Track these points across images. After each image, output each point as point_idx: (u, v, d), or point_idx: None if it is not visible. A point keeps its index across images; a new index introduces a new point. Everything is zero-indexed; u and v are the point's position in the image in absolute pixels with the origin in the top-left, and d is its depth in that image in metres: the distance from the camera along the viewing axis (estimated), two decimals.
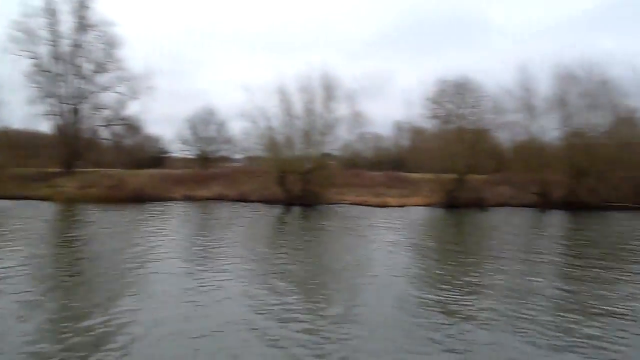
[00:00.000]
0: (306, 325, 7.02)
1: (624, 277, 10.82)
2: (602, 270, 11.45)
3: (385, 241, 15.70)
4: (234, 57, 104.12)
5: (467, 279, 10.27)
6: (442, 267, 11.56)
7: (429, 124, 37.32)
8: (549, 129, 36.40)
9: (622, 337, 6.81)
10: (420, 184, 35.74)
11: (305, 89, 31.75)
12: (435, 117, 35.60)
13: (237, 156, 46.88)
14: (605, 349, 6.39)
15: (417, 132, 42.37)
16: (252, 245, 14.74)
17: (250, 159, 36.61)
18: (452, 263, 12.12)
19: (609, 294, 9.33)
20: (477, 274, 10.69)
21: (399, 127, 55.62)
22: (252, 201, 31.38)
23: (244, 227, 20.33)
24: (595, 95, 33.53)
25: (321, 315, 7.33)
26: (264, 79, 66.37)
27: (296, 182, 30.85)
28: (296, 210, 27.70)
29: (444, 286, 9.39)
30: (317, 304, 8.15)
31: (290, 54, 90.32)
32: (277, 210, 27.06)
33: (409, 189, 36.39)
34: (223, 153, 47.72)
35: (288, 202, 30.00)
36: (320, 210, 28.05)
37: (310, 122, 31.37)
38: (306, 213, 25.95)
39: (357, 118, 32.61)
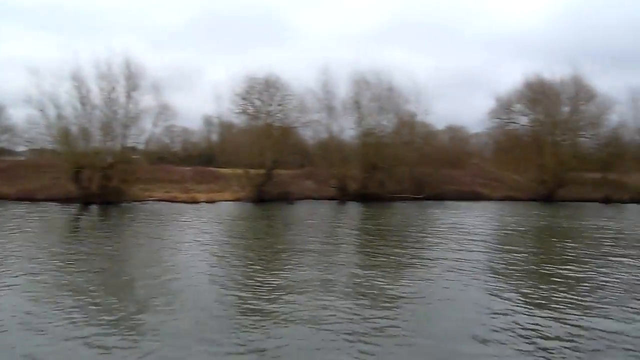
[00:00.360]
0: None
1: (413, 262, 13.04)
2: (391, 256, 13.85)
3: (193, 240, 15.75)
4: (15, 32, 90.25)
5: (273, 275, 10.78)
6: (249, 265, 11.95)
7: (238, 120, 38.90)
8: (347, 129, 41.43)
9: (407, 320, 7.77)
10: (230, 179, 37.21)
11: (105, 76, 30.28)
12: (244, 112, 37.49)
13: (20, 148, 41.46)
14: (396, 336, 7.09)
15: (226, 127, 43.54)
16: (34, 254, 12.92)
17: (36, 151, 32.91)
18: (260, 260, 12.64)
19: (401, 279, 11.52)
20: (285, 270, 11.26)
21: (208, 121, 55.99)
22: (40, 200, 28.53)
23: (26, 231, 17.51)
24: (384, 100, 39.27)
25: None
26: (53, 61, 59.43)
27: (94, 178, 29.02)
28: (95, 209, 26.27)
29: (249, 285, 9.82)
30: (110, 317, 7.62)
31: (86, 36, 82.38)
32: (71, 210, 25.15)
33: (219, 184, 37.52)
34: (1, 144, 41.61)
35: (85, 201, 28.29)
36: (124, 208, 27.24)
37: (110, 112, 29.87)
38: (106, 212, 25.02)
39: (164, 110, 32.30)
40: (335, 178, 39.20)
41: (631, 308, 8.28)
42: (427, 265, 11.85)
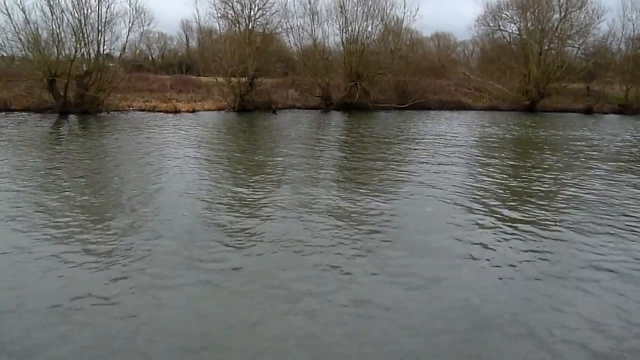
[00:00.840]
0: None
1: (394, 175, 13.35)
2: (373, 169, 14.16)
3: (176, 151, 15.28)
4: None
5: (256, 190, 10.33)
6: (231, 179, 11.62)
7: (217, 25, 37.13)
8: (331, 35, 40.09)
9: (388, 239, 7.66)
10: (211, 88, 36.46)
11: None
12: (224, 17, 35.55)
13: None
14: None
15: (206, 33, 41.72)
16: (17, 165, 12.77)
17: (6, 59, 31.38)
18: (243, 173, 12.33)
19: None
20: (268, 185, 10.80)
21: (186, 26, 53.49)
22: (15, 110, 27.72)
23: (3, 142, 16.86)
24: (370, 5, 37.67)
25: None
26: None
27: (70, 87, 28.07)
28: (73, 119, 25.73)
29: (230, 201, 9.40)
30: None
31: None
32: (48, 120, 24.61)
33: (200, 93, 36.81)
34: None
35: (62, 110, 27.54)
36: (102, 118, 26.76)
37: (82, 16, 28.21)
38: (85, 122, 24.61)
39: (139, 14, 30.61)
40: (319, 87, 38.58)
41: (603, 220, 8.68)
42: (407, 178, 11.92)
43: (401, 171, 12.63)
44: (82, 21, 28.75)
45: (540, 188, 10.99)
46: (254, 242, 7.05)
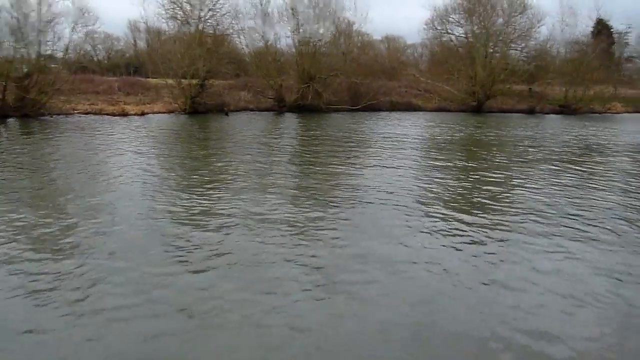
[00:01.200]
0: None
1: (349, 174, 13.57)
2: (326, 168, 14.27)
3: (126, 154, 15.20)
4: None
5: (210, 188, 10.70)
6: (184, 178, 11.77)
7: (166, 26, 36.38)
8: (283, 37, 40.09)
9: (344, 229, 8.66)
10: (161, 90, 35.64)
11: None
12: (173, 17, 34.85)
13: None
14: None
15: (154, 34, 40.75)
16: None
17: None
18: (196, 172, 12.47)
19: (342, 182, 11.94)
20: (221, 183, 11.08)
21: (134, 27, 52.01)
22: None
23: None
24: (321, 7, 37.87)
25: None
26: None
27: (9, 89, 26.76)
28: (13, 123, 24.63)
29: (183, 199, 9.58)
30: None
31: None
32: None
33: (149, 95, 35.91)
34: None
35: (1, 114, 26.09)
36: (46, 122, 25.66)
37: (20, 15, 26.93)
38: (27, 126, 23.52)
39: (83, 13, 29.50)
40: (271, 89, 38.48)
41: (546, 220, 9.13)
42: (359, 182, 12.01)
43: (353, 175, 12.75)
44: (21, 20, 27.48)
45: (486, 188, 11.42)
46: (204, 256, 6.65)
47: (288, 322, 4.92)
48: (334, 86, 39.62)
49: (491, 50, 45.29)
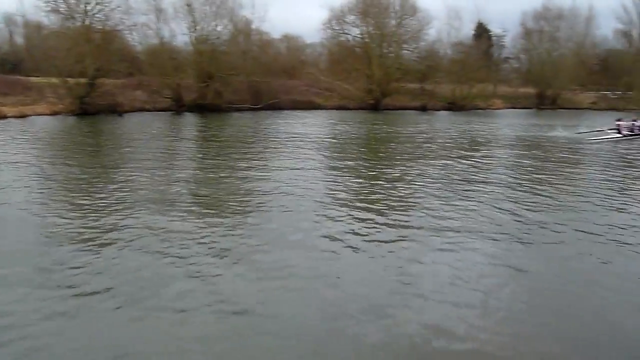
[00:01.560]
0: None
1: (252, 174, 13.33)
2: (229, 169, 13.97)
3: (5, 163, 13.77)
4: None
5: (102, 196, 9.84)
6: (74, 186, 10.84)
7: (48, 20, 33.52)
8: (179, 34, 38.84)
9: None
10: (44, 90, 32.76)
11: None
12: (55, 11, 32.22)
13: None
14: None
15: (33, 29, 37.39)
16: None
17: None
18: (86, 180, 11.48)
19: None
20: (115, 190, 10.34)
21: (9, 20, 47.32)
22: None
23: None
24: (218, 4, 37.16)
25: None
26: None
27: None
28: None
29: (74, 210, 8.88)
30: None
31: None
32: None
33: (30, 95, 32.92)
34: None
35: None
36: None
37: None
38: None
39: None
40: (168, 88, 37.05)
41: (442, 206, 9.76)
42: (262, 184, 11.89)
43: (255, 178, 12.41)
44: None
45: (384, 185, 11.91)
46: (90, 276, 6.05)
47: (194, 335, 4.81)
48: (234, 85, 39.10)
49: (386, 51, 47.42)
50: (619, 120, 22.03)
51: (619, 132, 21.33)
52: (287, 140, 19.97)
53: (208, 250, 6.91)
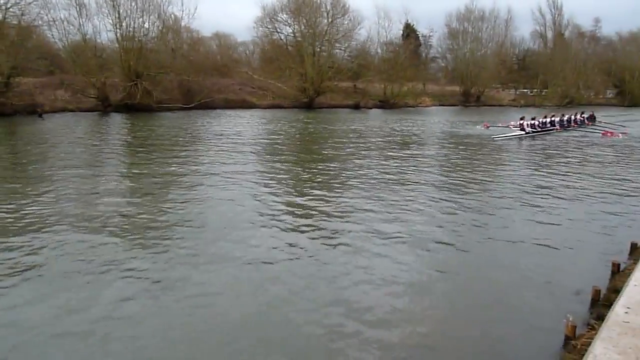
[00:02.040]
0: None
1: (183, 179, 13.12)
2: (159, 174, 13.34)
3: None
4: None
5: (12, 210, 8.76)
6: None
7: None
8: (103, 31, 37.22)
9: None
10: None
11: None
12: None
13: None
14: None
15: None
16: None
17: None
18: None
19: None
20: (29, 202, 9.23)
21: None
22: None
23: None
24: (144, 0, 35.95)
25: None
26: None
27: None
28: None
29: None
30: None
31: None
32: None
33: None
34: None
35: None
36: None
37: None
38: None
39: None
40: (93, 87, 35.38)
41: (377, 198, 10.05)
42: (193, 184, 11.53)
43: (186, 177, 12.17)
44: None
45: (318, 180, 12.12)
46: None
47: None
48: (164, 84, 38.03)
49: (318, 50, 47.92)
50: (522, 118, 23.42)
51: (522, 130, 22.77)
52: (219, 141, 19.38)
53: (128, 273, 6.10)
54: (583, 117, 28.21)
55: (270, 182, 11.54)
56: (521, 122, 23.13)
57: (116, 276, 5.92)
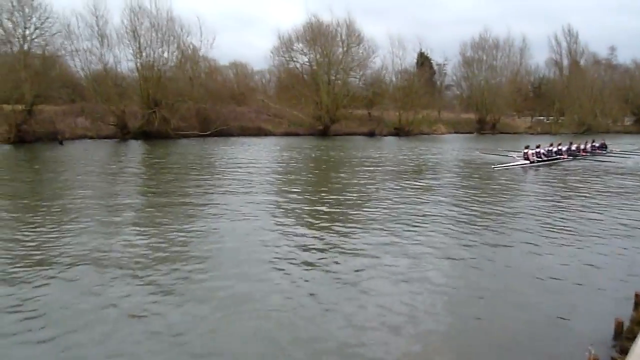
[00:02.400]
0: None
1: (199, 205, 13.12)
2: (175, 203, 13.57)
3: None
4: None
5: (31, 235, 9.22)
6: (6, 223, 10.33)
7: None
8: (124, 60, 38.23)
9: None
10: None
11: None
12: None
13: None
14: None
15: None
16: None
17: None
18: (17, 215, 10.96)
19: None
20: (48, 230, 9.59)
21: None
22: None
23: None
24: (164, 31, 37.01)
25: None
26: None
27: None
28: None
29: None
30: None
31: None
32: None
33: None
34: None
35: None
36: None
37: None
38: None
39: None
40: (113, 115, 36.15)
41: (389, 226, 9.98)
42: (212, 206, 11.94)
43: (203, 205, 12.27)
44: None
45: (336, 207, 12.09)
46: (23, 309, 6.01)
47: None
48: (181, 112, 38.67)
49: (333, 78, 48.46)
50: (526, 147, 22.36)
51: (527, 159, 21.71)
52: (235, 169, 19.49)
53: (150, 287, 6.66)
54: (594, 145, 27.34)
55: (286, 213, 11.45)
56: (526, 151, 22.15)
57: (121, 314, 5.82)
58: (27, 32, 31.83)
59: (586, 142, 27.02)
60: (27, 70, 30.68)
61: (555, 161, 23.33)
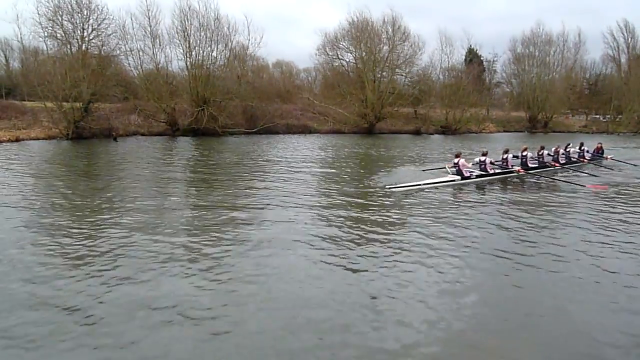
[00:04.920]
0: None
1: (245, 200, 13.34)
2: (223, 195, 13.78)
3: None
4: None
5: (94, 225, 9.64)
6: (65, 213, 10.34)
7: (45, 45, 33.83)
8: (175, 59, 39.40)
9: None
10: (39, 114, 33.01)
11: None
12: (52, 37, 32.61)
13: None
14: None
15: (30, 54, 37.75)
16: None
17: None
18: (78, 207, 11.11)
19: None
20: (106, 221, 9.66)
21: (6, 45, 47.85)
22: None
23: None
24: (213, 30, 37.87)
25: None
26: None
27: None
28: None
29: (66, 237, 8.45)
30: None
31: None
32: None
33: (25, 120, 33.15)
34: None
35: None
36: None
37: None
38: None
39: None
40: (164, 112, 37.36)
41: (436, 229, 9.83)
42: (257, 200, 12.07)
43: (252, 205, 12.51)
44: None
45: (381, 207, 12.00)
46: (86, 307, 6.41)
47: None
48: (229, 109, 39.46)
49: (379, 75, 48.11)
50: (484, 154, 15.85)
51: (461, 174, 14.92)
52: (281, 166, 19.48)
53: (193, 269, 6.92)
54: (582, 150, 19.92)
55: (333, 215, 11.47)
56: (483, 159, 15.70)
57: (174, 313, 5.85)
58: (85, 33, 33.32)
59: (580, 146, 20.17)
60: (85, 70, 32.07)
61: (545, 171, 16.83)
